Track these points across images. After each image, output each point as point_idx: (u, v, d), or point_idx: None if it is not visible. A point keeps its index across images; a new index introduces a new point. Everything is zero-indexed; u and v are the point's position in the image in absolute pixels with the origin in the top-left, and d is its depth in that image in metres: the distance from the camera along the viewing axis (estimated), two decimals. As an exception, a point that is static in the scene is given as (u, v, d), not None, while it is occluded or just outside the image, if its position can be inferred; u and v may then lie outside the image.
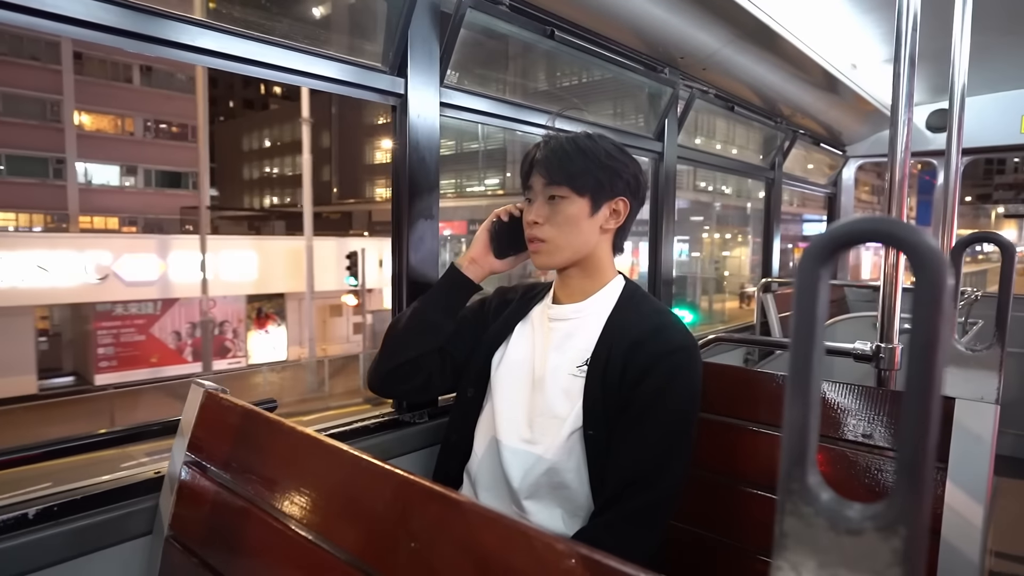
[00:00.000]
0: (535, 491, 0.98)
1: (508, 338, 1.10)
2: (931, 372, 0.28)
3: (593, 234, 1.02)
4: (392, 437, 1.21)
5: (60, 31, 0.86)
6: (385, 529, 0.60)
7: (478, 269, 1.11)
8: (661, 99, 2.06)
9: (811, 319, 0.30)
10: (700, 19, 1.75)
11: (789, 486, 0.31)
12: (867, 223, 0.30)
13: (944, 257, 0.28)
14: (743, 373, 1.19)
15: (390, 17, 1.24)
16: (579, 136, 1.03)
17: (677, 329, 0.98)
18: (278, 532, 0.71)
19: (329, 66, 1.14)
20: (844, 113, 2.95)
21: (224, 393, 0.91)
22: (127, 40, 0.91)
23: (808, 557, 0.31)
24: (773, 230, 3.13)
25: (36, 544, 0.80)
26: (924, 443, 0.28)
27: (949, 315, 0.29)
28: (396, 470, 0.63)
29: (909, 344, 0.29)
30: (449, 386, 1.14)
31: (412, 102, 1.25)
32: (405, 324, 1.09)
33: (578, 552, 0.46)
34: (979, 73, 2.61)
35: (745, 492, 1.06)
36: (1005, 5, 1.91)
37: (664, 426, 0.92)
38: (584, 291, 1.05)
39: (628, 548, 0.88)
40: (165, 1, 0.93)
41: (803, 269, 0.30)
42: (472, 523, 0.54)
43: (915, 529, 0.28)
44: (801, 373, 0.30)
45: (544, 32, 1.51)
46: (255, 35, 1.03)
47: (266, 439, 0.80)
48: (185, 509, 0.87)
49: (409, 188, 1.26)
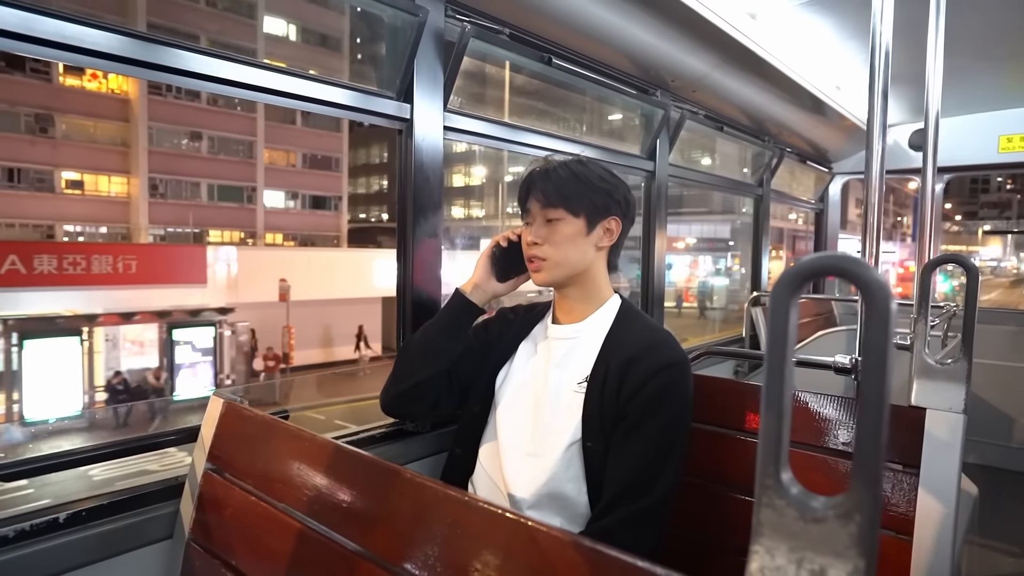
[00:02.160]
0: (536, 501, 1.03)
1: (512, 357, 1.16)
2: (881, 385, 0.34)
3: (589, 252, 1.09)
4: (398, 446, 1.26)
5: (88, 63, 0.90)
6: (405, 530, 0.66)
7: (481, 293, 1.17)
8: (653, 120, 2.14)
9: (783, 339, 0.36)
10: (689, 45, 1.84)
11: (764, 482, 0.37)
12: (828, 259, 0.36)
13: (889, 289, 0.34)
14: (731, 385, 1.25)
15: (397, 46, 1.30)
16: (571, 161, 1.10)
17: (670, 346, 1.04)
18: (299, 533, 0.76)
19: (340, 93, 1.20)
20: (829, 132, 3.05)
21: (242, 403, 0.96)
22: (144, 70, 0.95)
23: (780, 542, 0.37)
24: (762, 246, 3.22)
25: (66, 547, 0.85)
26: (876, 445, 0.34)
27: (892, 337, 0.35)
28: (413, 475, 0.68)
29: (863, 363, 0.35)
30: (456, 405, 1.19)
31: (418, 126, 1.31)
32: (415, 349, 1.15)
33: (591, 548, 0.51)
34: (957, 95, 2.71)
35: (733, 496, 1.12)
36: (979, 32, 2.01)
37: (657, 437, 0.98)
38: (583, 311, 1.11)
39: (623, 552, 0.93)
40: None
41: (775, 297, 0.37)
42: (489, 523, 0.60)
43: (868, 517, 0.34)
44: (775, 385, 0.36)
45: (542, 58, 1.59)
46: (269, 64, 1.09)
47: (283, 446, 0.85)
48: (205, 513, 0.91)
49: (414, 209, 1.32)
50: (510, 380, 1.14)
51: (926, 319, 1.00)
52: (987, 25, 1.96)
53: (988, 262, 43.44)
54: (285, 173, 22.36)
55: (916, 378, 0.96)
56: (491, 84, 1.63)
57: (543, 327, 1.16)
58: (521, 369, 1.14)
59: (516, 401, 1.11)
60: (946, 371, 0.95)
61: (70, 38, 0.86)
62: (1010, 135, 2.98)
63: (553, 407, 1.05)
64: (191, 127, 19.68)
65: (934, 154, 1.50)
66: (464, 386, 1.18)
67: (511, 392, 1.12)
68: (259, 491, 0.85)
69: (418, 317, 1.30)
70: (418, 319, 1.28)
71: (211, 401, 0.98)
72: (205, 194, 20.33)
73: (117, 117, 18.47)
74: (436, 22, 1.31)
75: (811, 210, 3.84)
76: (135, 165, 18.56)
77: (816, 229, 3.93)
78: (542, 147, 1.64)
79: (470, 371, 1.18)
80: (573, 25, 1.55)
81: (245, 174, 21.07)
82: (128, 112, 18.57)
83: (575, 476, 1.02)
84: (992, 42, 2.13)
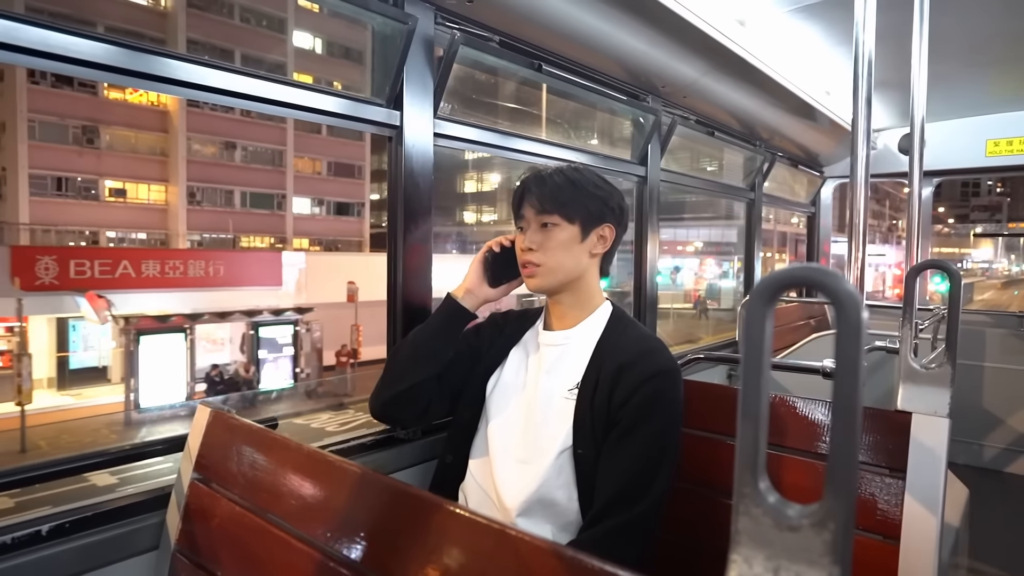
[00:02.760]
0: (527, 508, 1.02)
1: (503, 363, 1.16)
2: (853, 392, 0.34)
3: (583, 258, 1.09)
4: (388, 454, 1.26)
5: (63, 70, 0.90)
6: (390, 540, 0.65)
7: (473, 298, 1.17)
8: (644, 125, 2.15)
9: (759, 349, 0.37)
10: (680, 51, 1.85)
11: (742, 490, 0.37)
12: (800, 271, 0.37)
13: (859, 300, 0.35)
14: (722, 390, 1.25)
15: (387, 53, 1.31)
16: (566, 168, 1.10)
17: (661, 354, 1.05)
18: (284, 544, 0.76)
19: (328, 100, 1.20)
20: (820, 136, 3.07)
21: (229, 412, 0.96)
22: (129, 78, 0.94)
23: (757, 551, 0.37)
24: (754, 250, 3.23)
25: (49, 560, 0.84)
26: (848, 453, 0.34)
27: (863, 346, 0.35)
28: (398, 484, 0.68)
29: (836, 371, 0.35)
30: (446, 411, 1.18)
31: (408, 133, 1.31)
32: (405, 353, 1.15)
33: (572, 557, 0.51)
34: (944, 100, 2.74)
35: (724, 503, 1.12)
36: (964, 37, 2.03)
37: (649, 445, 0.98)
38: (574, 318, 1.11)
39: (614, 560, 0.93)
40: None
41: (751, 308, 0.37)
42: (472, 533, 0.59)
43: (842, 524, 0.34)
44: (751, 394, 0.37)
45: (532, 65, 1.59)
46: (257, 72, 1.09)
47: (270, 455, 0.85)
48: (191, 524, 0.91)
49: (404, 216, 1.32)
50: (501, 386, 1.13)
51: (912, 323, 1.01)
52: (971, 31, 1.98)
53: (980, 264, 43.80)
54: (312, 180, 23.36)
55: (902, 382, 0.97)
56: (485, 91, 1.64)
57: (534, 333, 1.16)
58: (512, 375, 1.14)
59: (507, 408, 1.10)
60: (931, 375, 0.95)
61: (54, 47, 0.86)
62: (997, 139, 3.01)
63: (544, 414, 1.05)
64: (226, 137, 20.86)
65: (920, 158, 1.51)
66: (455, 392, 1.18)
67: (502, 398, 1.12)
68: (246, 501, 0.84)
69: (409, 323, 1.29)
70: (408, 325, 1.27)
71: (198, 410, 0.97)
72: (238, 201, 21.50)
73: (156, 128, 19.65)
74: (426, 30, 1.31)
75: (804, 213, 3.86)
76: (173, 174, 19.67)
77: (808, 232, 3.95)
78: (533, 153, 1.65)
79: (461, 377, 1.18)
80: (563, 32, 1.55)
81: (275, 182, 22.23)
82: (167, 123, 19.71)
83: (566, 483, 1.02)
84: (976, 48, 2.15)
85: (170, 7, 18.24)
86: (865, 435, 0.98)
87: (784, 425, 1.08)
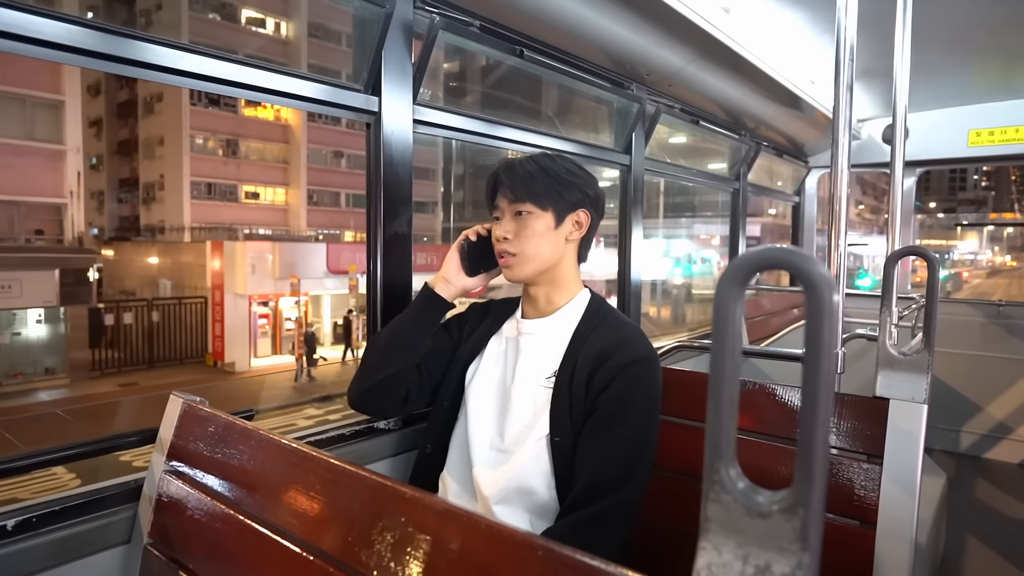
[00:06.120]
0: (504, 496, 1.02)
1: (481, 352, 1.15)
2: (822, 375, 0.33)
3: (560, 245, 1.08)
4: (368, 444, 1.25)
5: (35, 54, 0.87)
6: (362, 531, 0.64)
7: (451, 288, 1.15)
8: (629, 113, 2.14)
9: (727, 333, 0.36)
10: (664, 39, 1.83)
11: (711, 477, 0.36)
12: (771, 252, 0.35)
13: (831, 283, 0.34)
14: (700, 378, 1.25)
15: (364, 37, 1.28)
16: (539, 156, 1.09)
17: (639, 341, 1.04)
18: (257, 536, 0.74)
19: (305, 85, 1.18)
20: (805, 126, 3.08)
21: (202, 404, 0.94)
22: (103, 62, 0.92)
23: (728, 538, 0.36)
24: (739, 238, 3.24)
25: (15, 555, 0.82)
26: (817, 439, 0.34)
27: (835, 329, 0.35)
28: (370, 475, 0.67)
29: (805, 354, 0.34)
30: (426, 401, 1.17)
31: (386, 120, 1.29)
32: (383, 342, 1.13)
33: (544, 546, 0.50)
34: (927, 90, 2.75)
35: (700, 490, 1.12)
36: (946, 27, 2.04)
37: (625, 433, 0.97)
38: (551, 305, 1.10)
39: (591, 549, 0.93)
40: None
41: (720, 291, 0.36)
42: (444, 522, 0.58)
43: (812, 510, 0.33)
44: (719, 380, 0.36)
45: (514, 52, 1.57)
46: (232, 56, 1.06)
47: (244, 448, 0.83)
48: (163, 517, 0.89)
49: (384, 205, 1.30)
50: (479, 376, 1.12)
51: (890, 310, 1.01)
52: (953, 21, 1.98)
53: (966, 255, 44.56)
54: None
55: (880, 369, 0.97)
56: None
57: (513, 322, 1.15)
58: (491, 364, 1.13)
59: (485, 396, 1.10)
60: (909, 362, 0.95)
61: (31, 31, 0.83)
62: (979, 129, 3.03)
63: (521, 402, 1.05)
64: (335, 147, 24.41)
65: (902, 148, 1.51)
66: (435, 382, 1.16)
67: (480, 387, 1.11)
68: (219, 493, 0.83)
69: (388, 313, 1.28)
70: (387, 315, 1.26)
71: (170, 401, 0.95)
72: (343, 201, 24.92)
73: (280, 139, 23.48)
74: (404, 14, 1.28)
75: (788, 203, 3.88)
76: (294, 178, 23.48)
77: (793, 222, 3.97)
78: (515, 140, 1.63)
79: (441, 366, 1.16)
80: (545, 18, 1.53)
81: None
82: (288, 135, 23.51)
83: (543, 471, 1.01)
84: (959, 38, 2.15)
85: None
86: (843, 421, 0.98)
87: (765, 412, 1.08)
